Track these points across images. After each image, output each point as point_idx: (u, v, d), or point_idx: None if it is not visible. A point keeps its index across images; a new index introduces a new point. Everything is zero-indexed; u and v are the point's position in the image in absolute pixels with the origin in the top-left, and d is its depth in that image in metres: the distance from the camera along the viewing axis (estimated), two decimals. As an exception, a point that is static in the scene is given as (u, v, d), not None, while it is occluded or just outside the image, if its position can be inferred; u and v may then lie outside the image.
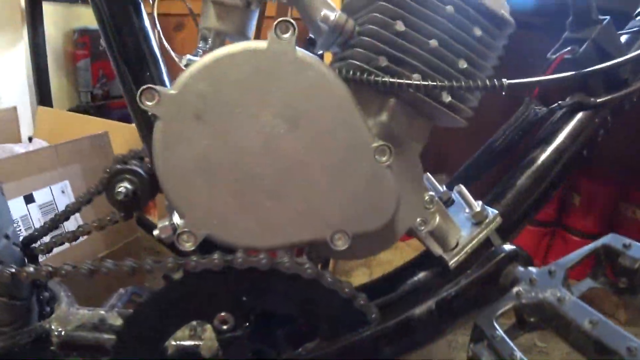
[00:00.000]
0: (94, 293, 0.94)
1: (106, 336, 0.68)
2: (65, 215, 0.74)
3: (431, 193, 0.63)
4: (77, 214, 1.34)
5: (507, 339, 0.46)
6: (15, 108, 1.85)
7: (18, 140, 1.81)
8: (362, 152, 0.52)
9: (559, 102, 0.72)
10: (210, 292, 0.56)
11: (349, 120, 0.51)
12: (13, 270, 0.59)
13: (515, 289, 0.51)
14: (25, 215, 1.27)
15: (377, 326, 0.54)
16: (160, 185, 0.51)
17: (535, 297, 0.49)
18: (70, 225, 1.36)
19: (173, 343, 0.66)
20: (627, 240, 0.49)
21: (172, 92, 0.50)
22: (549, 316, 0.47)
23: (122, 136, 1.67)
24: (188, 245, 0.52)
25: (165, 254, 1.80)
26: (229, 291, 0.55)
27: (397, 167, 0.60)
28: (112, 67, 0.63)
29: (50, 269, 0.58)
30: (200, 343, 0.66)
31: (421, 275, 0.68)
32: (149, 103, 0.50)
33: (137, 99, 0.50)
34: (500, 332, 0.47)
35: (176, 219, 0.55)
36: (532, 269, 0.53)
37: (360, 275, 1.71)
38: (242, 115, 0.50)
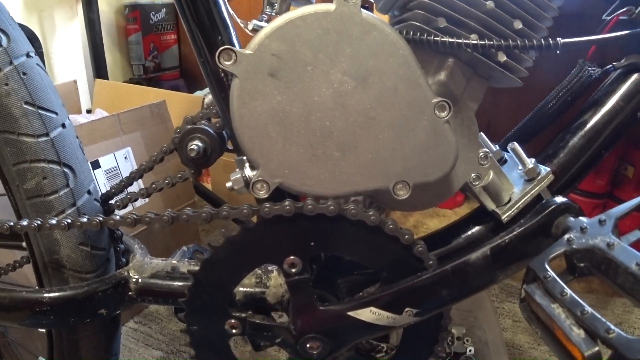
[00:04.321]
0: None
1: (178, 283, 0.74)
2: (139, 173, 0.80)
3: (485, 150, 0.66)
4: (140, 180, 1.43)
5: (558, 279, 0.48)
6: (75, 81, 1.94)
7: (78, 111, 1.90)
8: (423, 107, 0.55)
9: (614, 63, 0.72)
10: (281, 237, 0.61)
11: (411, 77, 0.55)
12: (101, 218, 0.66)
13: (566, 236, 0.52)
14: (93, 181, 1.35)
15: (436, 270, 0.58)
16: (237, 138, 0.56)
17: (586, 243, 0.50)
18: (133, 189, 1.44)
19: (241, 290, 0.71)
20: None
21: (248, 52, 0.54)
22: (598, 261, 0.49)
23: (176, 104, 1.74)
24: (262, 193, 0.57)
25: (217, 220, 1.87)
26: (298, 236, 0.60)
27: (455, 125, 0.64)
28: (186, 32, 0.68)
29: (135, 216, 0.64)
30: (266, 290, 0.71)
31: (475, 229, 0.72)
32: (226, 63, 0.55)
33: (216, 59, 0.54)
34: (551, 272, 0.49)
35: (247, 171, 0.60)
36: (583, 218, 0.55)
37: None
38: (313, 73, 0.54)
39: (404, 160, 0.56)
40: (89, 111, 2.01)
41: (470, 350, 1.27)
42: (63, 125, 0.75)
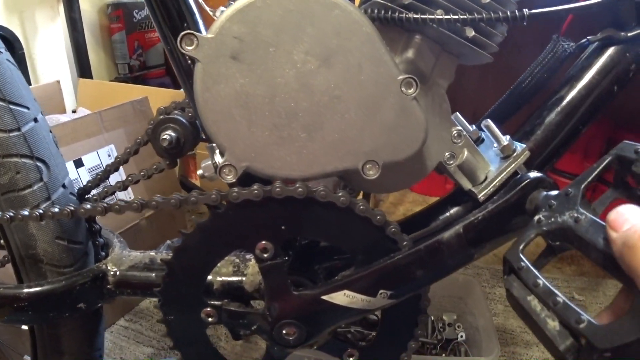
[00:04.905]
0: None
1: (156, 274, 0.74)
2: (115, 165, 0.79)
3: (459, 128, 0.65)
4: (123, 172, 1.42)
5: (532, 268, 0.46)
6: (58, 81, 1.93)
7: (63, 111, 1.89)
8: (389, 85, 0.54)
9: (588, 37, 0.72)
10: (251, 222, 0.60)
11: (376, 54, 0.54)
12: (72, 208, 0.65)
13: (536, 217, 0.51)
14: (76, 179, 1.34)
15: (409, 250, 0.57)
16: (202, 123, 0.55)
17: (555, 222, 0.48)
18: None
19: (218, 279, 0.71)
20: None
21: (210, 35, 0.53)
22: (569, 239, 0.47)
23: (160, 100, 1.72)
24: (229, 178, 0.56)
25: (206, 213, 1.87)
26: (269, 220, 0.59)
27: (425, 103, 0.63)
28: (152, 20, 0.67)
29: (105, 204, 0.63)
30: (243, 278, 0.71)
31: (453, 210, 0.71)
32: (188, 48, 0.54)
33: (178, 44, 0.53)
34: (525, 262, 0.47)
35: (217, 157, 0.60)
36: (551, 192, 0.53)
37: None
38: (275, 54, 0.53)
39: (372, 140, 0.55)
40: (74, 111, 2.00)
41: (461, 336, 1.27)
42: (35, 120, 0.74)
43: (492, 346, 1.08)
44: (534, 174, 0.59)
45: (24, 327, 0.99)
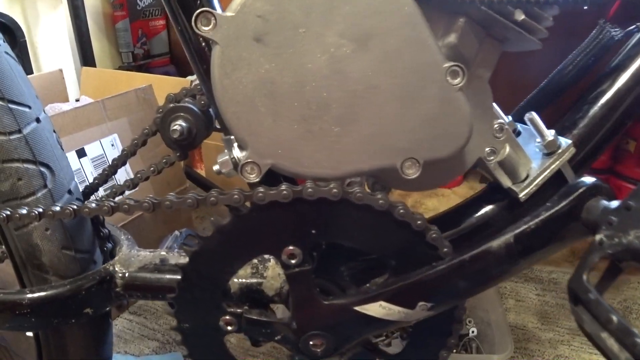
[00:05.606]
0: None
1: (168, 276, 0.68)
2: (122, 159, 0.74)
3: (501, 121, 0.60)
4: (129, 167, 1.37)
5: (603, 301, 0.42)
6: (60, 70, 1.89)
7: (65, 100, 1.84)
8: (433, 73, 0.49)
9: (638, 23, 0.66)
10: (278, 225, 0.54)
11: (418, 38, 0.48)
12: (75, 206, 0.59)
13: (597, 237, 0.46)
14: (79, 169, 1.30)
15: (453, 259, 0.52)
16: (221, 114, 0.50)
17: (620, 243, 0.44)
18: (121, 178, 1.39)
19: (236, 281, 0.65)
20: None
21: (230, 14, 0.47)
22: (638, 257, 0.43)
23: (164, 89, 1.67)
24: (252, 177, 0.50)
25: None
26: (298, 224, 0.54)
27: (466, 93, 0.57)
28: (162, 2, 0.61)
29: (112, 204, 0.57)
30: (263, 281, 0.65)
31: (488, 209, 0.66)
32: (205, 28, 0.48)
33: (193, 24, 0.48)
34: (593, 293, 0.43)
35: (235, 152, 0.54)
36: (610, 204, 0.48)
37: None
38: (305, 36, 0.47)
39: (412, 135, 0.50)
40: (77, 100, 1.95)
41: (472, 332, 1.22)
42: (37, 120, 0.67)
43: (506, 342, 1.02)
44: (589, 180, 0.53)
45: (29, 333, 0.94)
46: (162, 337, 1.30)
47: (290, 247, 0.53)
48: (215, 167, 0.57)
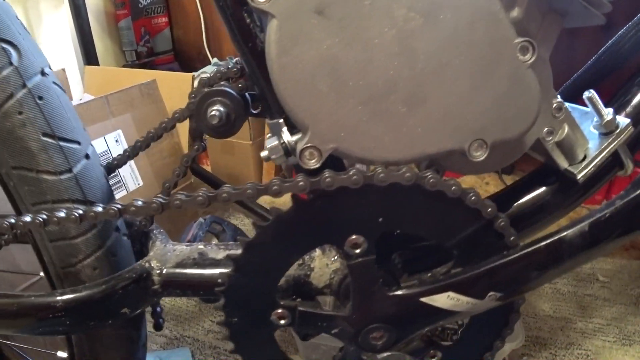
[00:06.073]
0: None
1: (209, 271, 0.65)
2: (146, 142, 0.72)
3: (559, 100, 0.57)
4: (133, 162, 1.34)
5: None
6: (64, 70, 1.87)
7: (70, 99, 1.81)
8: (504, 49, 0.46)
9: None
10: (344, 213, 0.51)
11: (491, 11, 0.45)
12: (81, 211, 0.56)
13: None
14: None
15: (527, 248, 0.49)
16: (278, 95, 0.46)
17: None
18: (125, 172, 1.36)
19: (283, 274, 0.63)
20: None
21: (288, -16, 0.44)
22: None
23: (168, 84, 1.66)
24: (312, 163, 0.48)
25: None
26: (364, 211, 0.51)
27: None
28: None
29: (119, 206, 0.55)
30: (311, 272, 0.62)
31: (541, 190, 0.63)
32: (261, 0, 0.45)
33: (248, -5, 0.44)
34: None
35: (286, 136, 0.51)
36: None
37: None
38: (371, 8, 0.44)
39: (482, 114, 0.47)
40: (81, 99, 1.93)
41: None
42: (87, 156, 0.65)
43: (517, 331, 0.99)
44: None
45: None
46: (170, 332, 1.28)
47: (354, 237, 0.50)
48: (264, 154, 0.53)
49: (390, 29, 0.44)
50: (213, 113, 0.62)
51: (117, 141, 1.41)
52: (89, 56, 2.24)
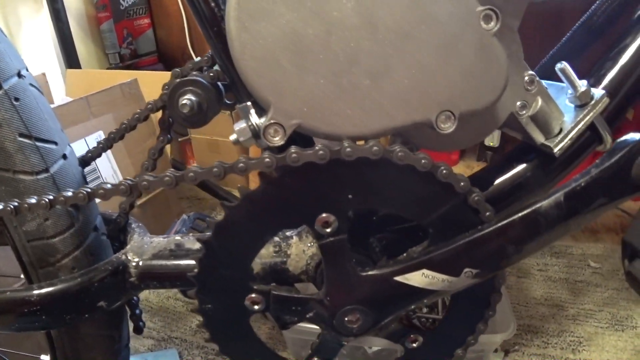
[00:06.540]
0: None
1: (186, 262, 0.64)
2: (120, 133, 0.73)
3: (531, 72, 0.56)
4: (110, 153, 1.33)
5: None
6: (44, 74, 1.86)
7: (51, 104, 1.80)
8: (467, 18, 0.45)
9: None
10: (312, 191, 0.50)
11: (451, -21, 0.44)
12: (51, 196, 0.56)
13: None
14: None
15: (501, 221, 0.48)
16: (240, 73, 0.46)
17: None
18: (103, 166, 1.34)
19: (258, 261, 0.62)
20: None
21: (245, -39, 0.43)
22: None
23: (150, 83, 1.64)
24: (276, 140, 0.47)
25: (205, 199, 1.79)
26: (333, 188, 0.50)
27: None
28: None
29: (88, 190, 0.55)
30: (287, 259, 0.62)
31: (520, 168, 0.62)
32: (219, -23, 0.44)
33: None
34: None
35: (254, 118, 0.50)
36: None
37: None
38: (329, -19, 0.43)
39: (447, 85, 0.46)
40: (64, 104, 1.92)
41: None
42: (64, 157, 0.65)
43: (508, 321, 0.97)
44: (637, 136, 0.50)
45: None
46: (157, 334, 1.27)
47: (324, 215, 0.49)
48: (232, 137, 0.52)
49: (349, 1, 0.43)
50: (184, 102, 0.61)
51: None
52: (71, 60, 2.23)
